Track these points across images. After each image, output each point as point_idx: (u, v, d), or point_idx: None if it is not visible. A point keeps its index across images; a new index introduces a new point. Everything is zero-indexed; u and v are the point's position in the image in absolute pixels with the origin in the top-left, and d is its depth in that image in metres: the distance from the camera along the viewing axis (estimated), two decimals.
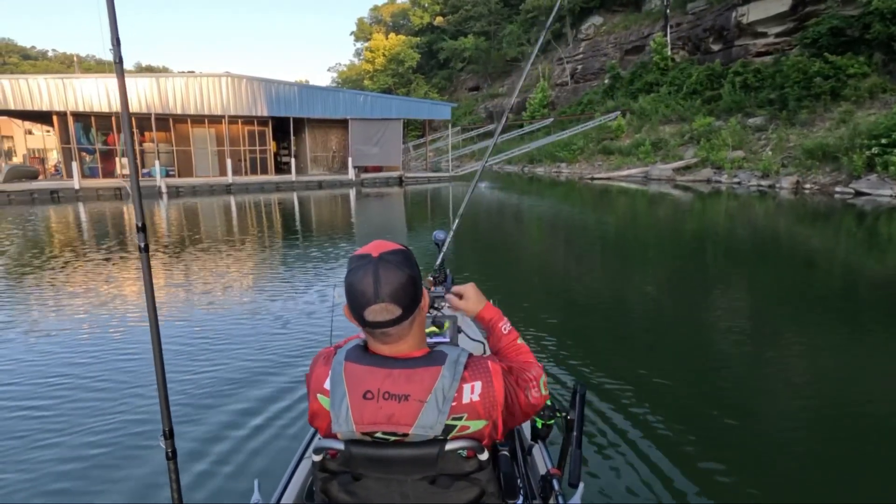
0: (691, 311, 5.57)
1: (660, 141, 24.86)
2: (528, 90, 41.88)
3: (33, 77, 18.74)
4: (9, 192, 17.98)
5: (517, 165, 33.35)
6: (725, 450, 2.80)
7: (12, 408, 3.35)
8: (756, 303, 5.93)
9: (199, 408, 3.24)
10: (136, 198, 1.37)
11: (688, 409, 3.29)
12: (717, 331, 4.93)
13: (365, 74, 55.00)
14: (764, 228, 11.41)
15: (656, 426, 3.02)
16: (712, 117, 23.14)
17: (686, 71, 27.41)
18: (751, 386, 3.65)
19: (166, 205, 16.76)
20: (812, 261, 8.24)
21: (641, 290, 6.51)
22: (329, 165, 25.49)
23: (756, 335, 4.82)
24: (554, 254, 9.36)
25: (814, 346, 4.54)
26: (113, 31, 1.28)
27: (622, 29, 35.97)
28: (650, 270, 7.75)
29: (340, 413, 1.01)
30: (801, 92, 19.45)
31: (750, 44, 24.72)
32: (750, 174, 19.02)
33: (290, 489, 1.53)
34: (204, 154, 22.61)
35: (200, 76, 20.88)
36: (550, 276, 7.49)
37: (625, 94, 30.91)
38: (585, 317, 5.40)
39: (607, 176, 24.35)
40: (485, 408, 1.02)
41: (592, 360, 4.00)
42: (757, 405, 3.39)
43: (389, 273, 1.00)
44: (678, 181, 21.38)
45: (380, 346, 1.06)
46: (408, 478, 1.05)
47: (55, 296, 6.14)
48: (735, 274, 7.35)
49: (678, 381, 3.68)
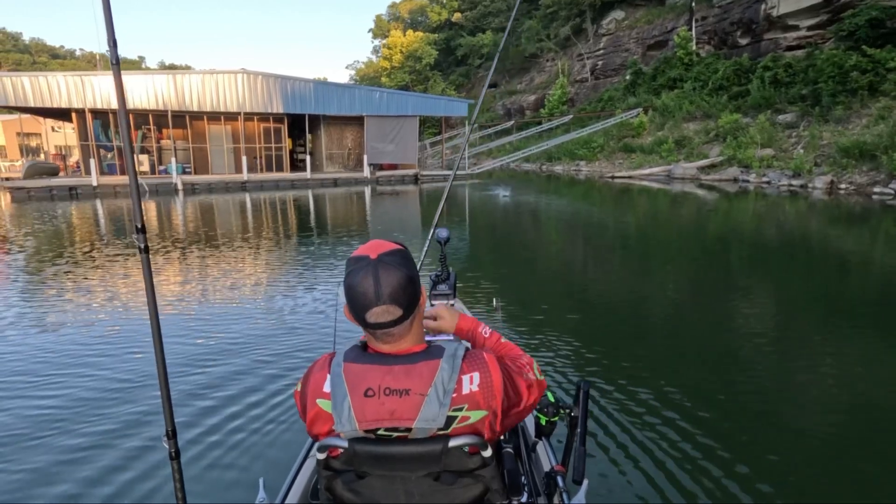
0: (709, 313, 5.34)
1: (683, 139, 24.06)
2: (546, 86, 41.19)
3: (52, 74, 18.87)
4: (28, 189, 18.16)
5: (535, 164, 32.77)
6: (731, 451, 2.74)
7: (13, 408, 3.33)
8: (782, 307, 5.59)
9: (203, 408, 3.22)
10: (134, 199, 1.35)
11: (694, 409, 3.20)
12: (734, 333, 4.71)
13: (382, 72, 54.78)
14: (794, 230, 10.80)
15: (662, 425, 2.97)
16: (739, 114, 22.26)
17: (712, 66, 26.49)
18: (765, 388, 3.53)
19: (182, 202, 16.78)
20: (846, 265, 7.71)
21: (658, 289, 6.29)
22: (344, 163, 25.29)
23: (777, 339, 4.56)
24: (570, 252, 9.08)
25: (843, 354, 4.18)
26: (109, 33, 1.27)
27: (645, 23, 35.05)
28: (669, 270, 7.46)
29: (343, 412, 1.01)
30: (837, 87, 18.52)
31: (780, 37, 23.76)
32: (780, 173, 18.19)
33: (295, 488, 1.52)
34: (220, 151, 22.59)
35: (216, 73, 20.80)
36: (565, 274, 7.32)
37: (647, 91, 30.07)
38: (597, 315, 5.29)
39: (628, 175, 23.65)
40: (484, 398, 1.03)
41: (600, 358, 3.97)
42: (770, 408, 3.27)
43: (389, 274, 1.02)
44: (703, 180, 20.62)
45: (381, 346, 1.08)
46: (412, 475, 1.05)
47: (60, 293, 6.08)
48: (761, 276, 6.94)
49: (687, 380, 3.60)
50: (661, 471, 2.55)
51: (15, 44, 72.67)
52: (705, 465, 2.61)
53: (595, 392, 3.28)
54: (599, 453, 2.68)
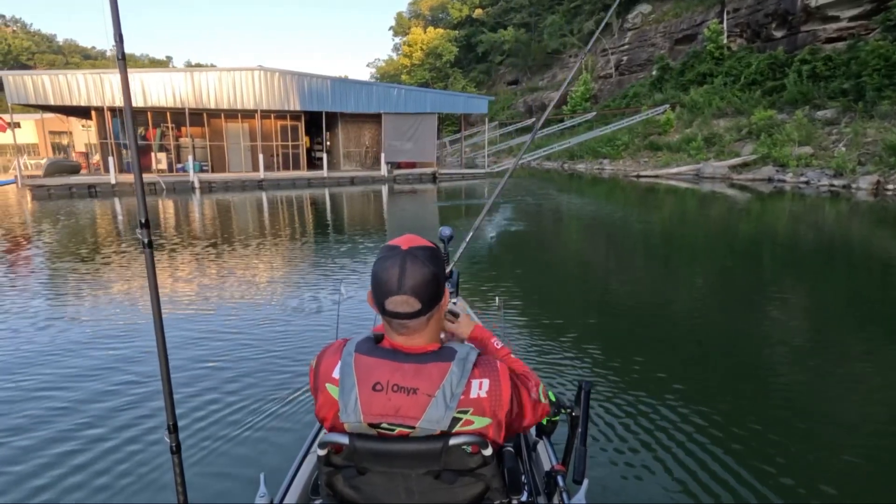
0: (722, 315, 5.17)
1: (713, 136, 23.02)
2: (569, 83, 40.25)
3: (72, 72, 18.92)
4: (48, 187, 18.26)
5: (556, 162, 31.94)
6: (732, 454, 2.69)
7: (14, 398, 3.36)
8: (813, 312, 5.33)
9: (205, 402, 3.21)
10: (138, 193, 1.33)
11: (697, 412, 3.12)
12: (746, 337, 4.53)
13: (402, 69, 54.45)
14: (834, 233, 10.04)
15: (663, 427, 2.93)
16: (774, 110, 21.14)
17: (744, 60, 25.32)
18: (776, 394, 3.44)
19: (199, 200, 16.72)
20: (893, 271, 7.06)
21: (673, 291, 6.16)
22: (362, 161, 24.96)
23: (798, 344, 4.37)
24: (584, 252, 8.83)
25: (886, 365, 3.87)
26: (116, 28, 1.25)
27: (672, 17, 33.85)
28: (688, 272, 7.23)
29: (349, 403, 1.02)
30: (883, 81, 17.34)
31: (819, 29, 22.50)
32: (820, 173, 17.11)
33: (296, 484, 1.51)
34: (237, 149, 22.46)
35: (233, 70, 20.63)
36: (577, 275, 7.17)
37: (674, 87, 28.97)
38: (604, 316, 5.20)
39: (654, 174, 22.71)
40: (491, 406, 1.03)
41: (604, 359, 3.94)
42: (783, 412, 3.18)
43: (415, 267, 1.03)
44: (734, 180, 19.61)
45: (395, 337, 1.09)
46: (412, 472, 1.05)
47: (67, 289, 6.16)
48: (792, 280, 6.50)
49: (691, 384, 3.54)
50: (662, 472, 2.52)
51: (49, 45, 74.62)
52: (706, 467, 2.57)
53: (597, 392, 3.25)
54: (600, 453, 2.67)
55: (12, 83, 17.57)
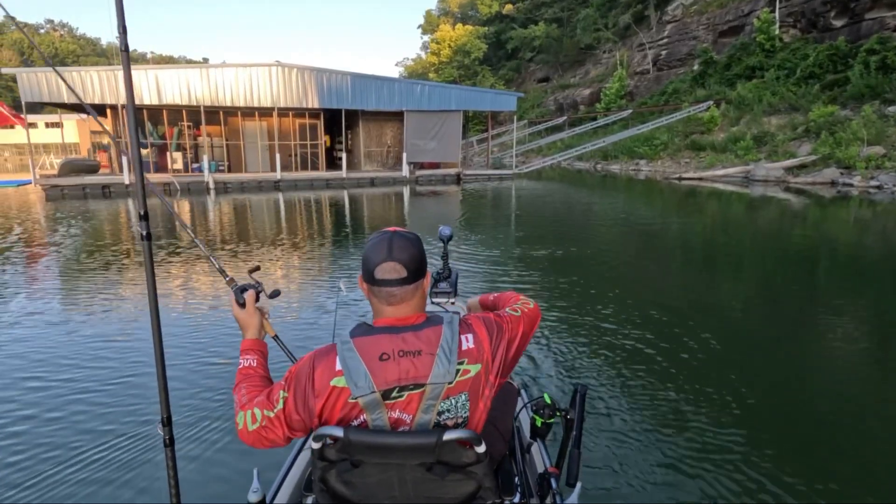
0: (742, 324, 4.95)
1: (764, 135, 21.04)
2: (602, 79, 38.34)
3: (86, 70, 18.47)
4: (62, 187, 17.84)
5: (589, 162, 30.25)
6: (733, 458, 2.61)
7: (7, 386, 3.40)
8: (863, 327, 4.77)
9: (199, 397, 3.21)
10: (139, 188, 1.33)
11: (693, 417, 3.02)
12: (753, 345, 4.36)
13: (430, 67, 53.37)
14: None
15: (658, 432, 2.86)
16: (836, 106, 19.06)
17: (800, 52, 23.17)
18: (774, 401, 3.28)
19: (214, 201, 16.03)
20: None
21: (695, 298, 5.82)
22: (383, 161, 23.91)
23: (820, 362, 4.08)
24: (602, 255, 8.18)
25: None
26: (120, 19, 1.24)
27: (717, 7, 31.64)
28: (715, 280, 6.79)
29: (359, 378, 1.05)
30: None
31: (888, 16, 20.27)
32: (895, 176, 15.11)
33: (289, 479, 1.52)
34: (255, 148, 21.72)
35: (249, 66, 19.83)
36: (588, 278, 6.65)
37: (719, 81, 26.92)
38: (608, 322, 4.88)
39: (698, 175, 20.86)
40: (478, 351, 1.13)
41: (601, 363, 3.84)
42: (781, 419, 3.07)
43: (402, 242, 1.15)
44: (790, 183, 17.68)
45: (385, 310, 1.15)
46: (406, 462, 1.08)
47: (70, 287, 6.24)
48: (852, 296, 5.75)
49: (688, 390, 3.39)
50: (655, 476, 2.48)
51: (94, 48, 76.50)
52: (700, 474, 2.51)
53: (592, 396, 3.24)
54: (594, 457, 2.61)
55: (26, 81, 17.15)
